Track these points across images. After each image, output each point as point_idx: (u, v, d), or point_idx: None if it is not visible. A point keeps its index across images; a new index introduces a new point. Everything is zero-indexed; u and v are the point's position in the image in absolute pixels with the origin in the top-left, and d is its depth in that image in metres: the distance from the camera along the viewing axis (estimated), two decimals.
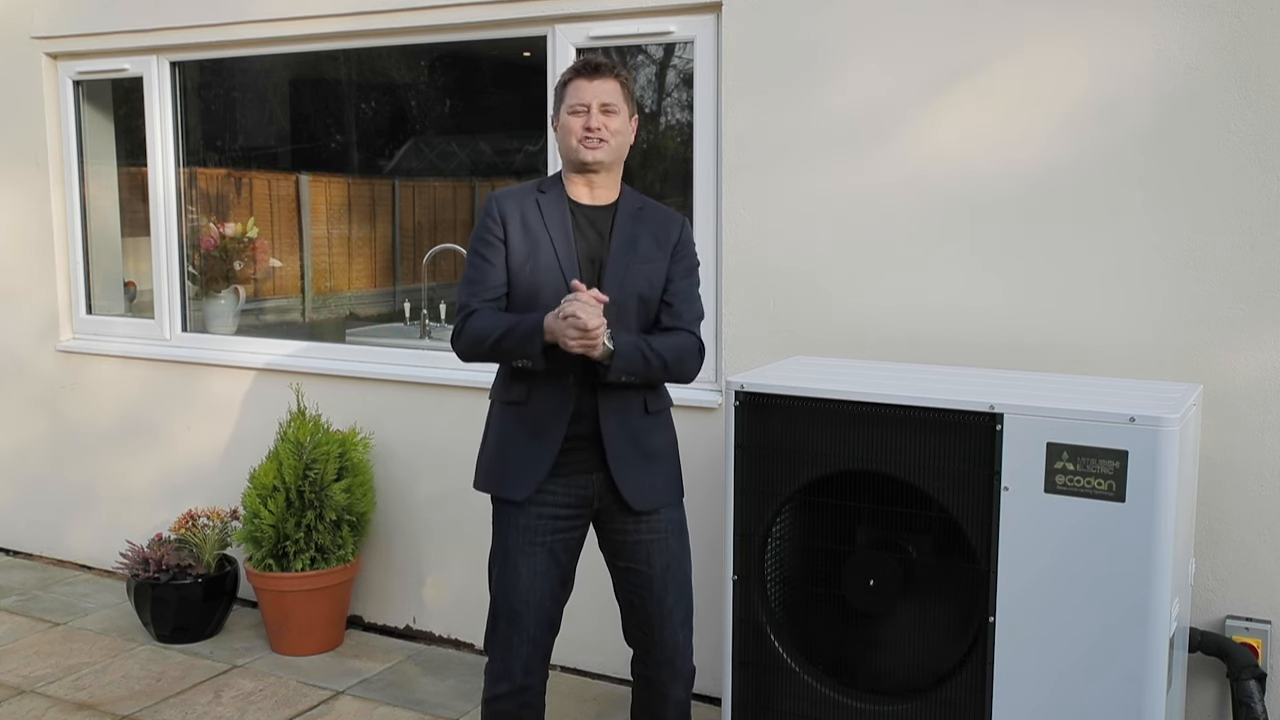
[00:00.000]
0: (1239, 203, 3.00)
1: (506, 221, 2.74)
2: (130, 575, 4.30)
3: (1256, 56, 2.95)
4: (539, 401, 2.73)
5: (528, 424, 2.74)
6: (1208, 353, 3.07)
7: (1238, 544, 3.09)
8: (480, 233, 2.77)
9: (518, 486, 2.74)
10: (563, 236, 2.73)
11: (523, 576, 2.75)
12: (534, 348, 2.62)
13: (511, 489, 2.74)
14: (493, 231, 2.75)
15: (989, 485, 2.63)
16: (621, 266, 2.74)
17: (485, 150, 4.67)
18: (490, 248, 2.75)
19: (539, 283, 2.71)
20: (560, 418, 2.71)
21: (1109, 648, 2.54)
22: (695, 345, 2.79)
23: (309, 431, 4.12)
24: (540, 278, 2.71)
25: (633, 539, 2.80)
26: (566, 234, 2.73)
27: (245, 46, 4.58)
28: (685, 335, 2.78)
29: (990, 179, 3.27)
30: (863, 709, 2.84)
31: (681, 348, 2.76)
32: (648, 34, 3.78)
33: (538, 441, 2.72)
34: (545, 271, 2.72)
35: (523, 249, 2.73)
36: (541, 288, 2.71)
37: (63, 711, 3.73)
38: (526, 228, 2.74)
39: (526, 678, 2.77)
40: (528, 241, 2.73)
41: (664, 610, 2.81)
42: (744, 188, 3.61)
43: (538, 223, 2.74)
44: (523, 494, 2.73)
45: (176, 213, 4.87)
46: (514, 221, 2.74)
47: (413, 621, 4.38)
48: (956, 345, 3.36)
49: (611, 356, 2.61)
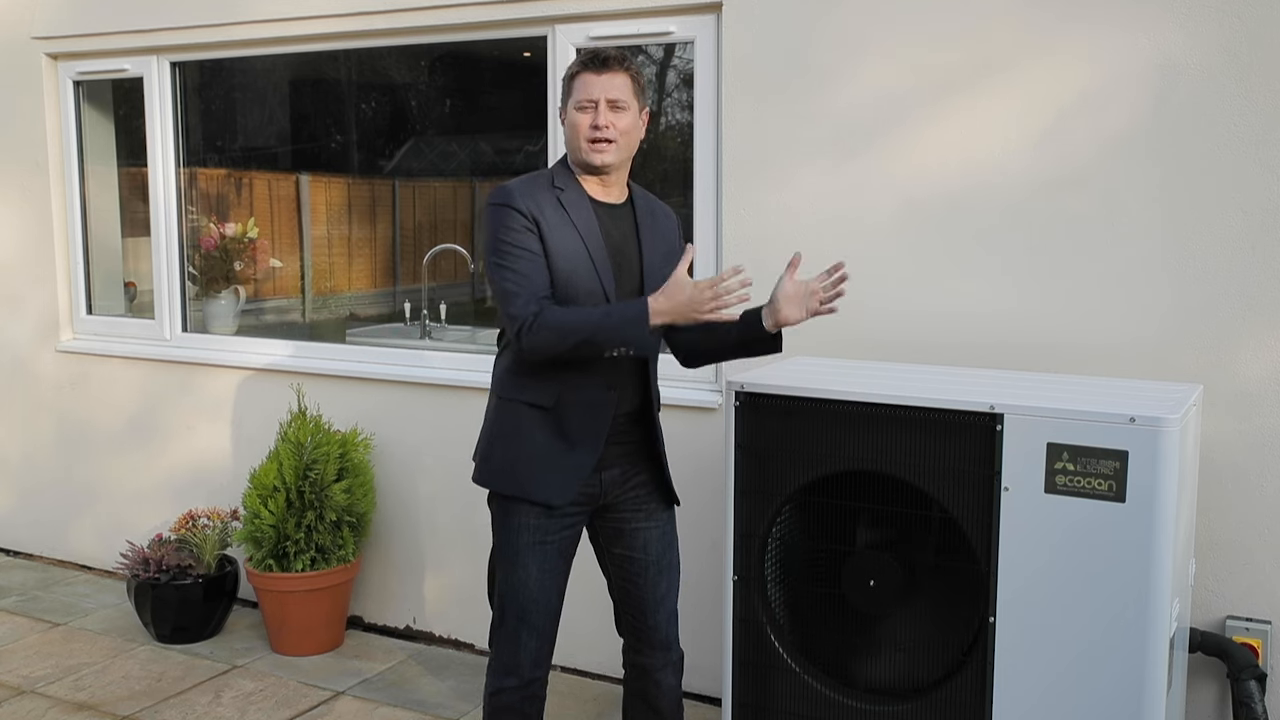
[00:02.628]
0: (1240, 203, 3.00)
1: (538, 218, 2.63)
2: (130, 575, 4.30)
3: (1256, 56, 2.95)
4: (572, 406, 2.67)
5: (558, 428, 2.69)
6: (1208, 353, 3.07)
7: (1238, 544, 3.09)
8: (514, 235, 2.62)
9: (553, 492, 2.68)
10: (595, 239, 2.66)
11: (533, 575, 2.74)
12: (640, 331, 2.54)
13: (545, 493, 2.69)
14: (527, 228, 2.62)
15: (989, 485, 2.63)
16: (656, 270, 2.75)
17: (485, 150, 4.67)
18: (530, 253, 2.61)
19: (575, 289, 2.63)
20: (600, 424, 2.68)
21: (1109, 648, 2.54)
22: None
23: (309, 432, 4.12)
24: (577, 283, 2.63)
25: (630, 526, 2.82)
26: (596, 235, 2.67)
27: (245, 46, 4.58)
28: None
29: (990, 179, 3.27)
30: (863, 709, 2.84)
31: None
32: (648, 34, 3.78)
33: (574, 447, 2.69)
34: (583, 276, 2.63)
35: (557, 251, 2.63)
36: (577, 294, 2.63)
37: (63, 712, 3.73)
38: (554, 226, 2.64)
39: (534, 671, 2.79)
40: (561, 243, 2.64)
41: (657, 597, 2.85)
42: (744, 188, 3.61)
43: (565, 222, 2.65)
44: (562, 499, 2.69)
45: (177, 213, 4.87)
46: (542, 219, 2.63)
47: (413, 622, 4.39)
48: (957, 345, 3.36)
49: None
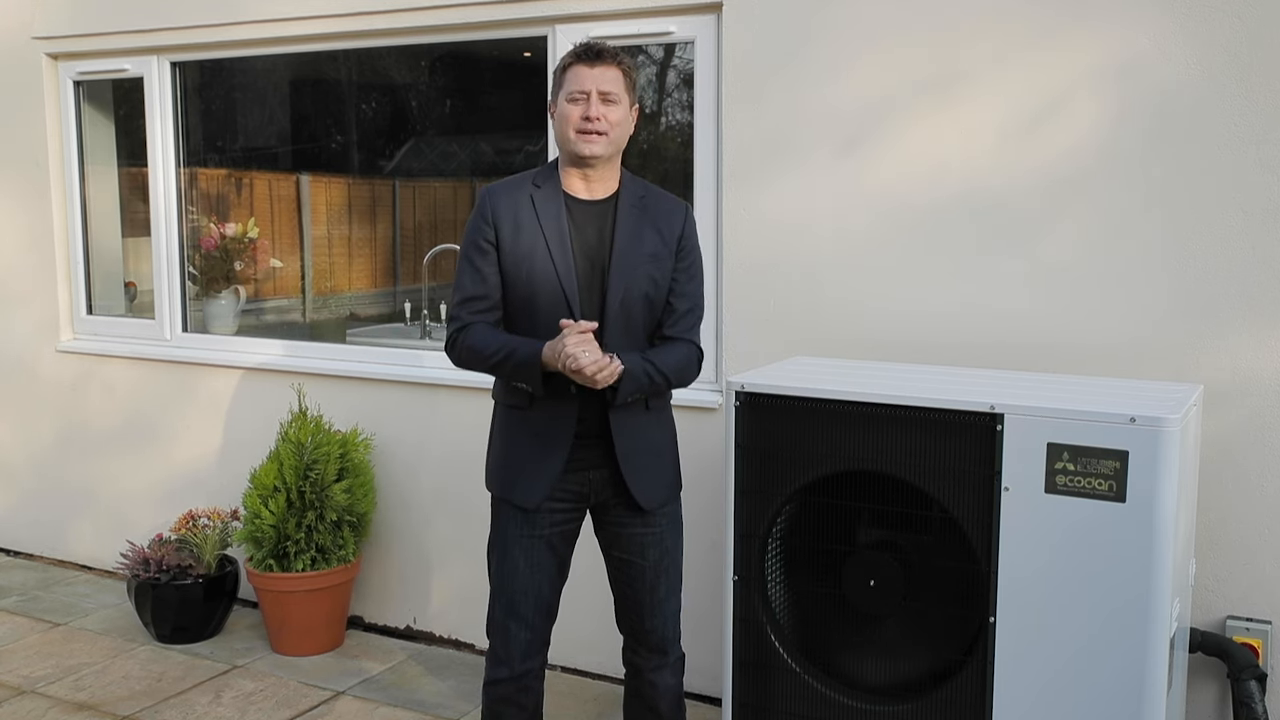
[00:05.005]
0: (1240, 203, 3.00)
1: (499, 223, 2.68)
2: (131, 575, 4.30)
3: (1256, 56, 2.95)
4: (542, 408, 2.71)
5: (533, 431, 2.73)
6: (1209, 353, 3.06)
7: (1238, 544, 3.09)
8: (472, 235, 2.71)
9: (528, 494, 2.74)
10: (558, 237, 2.66)
11: (520, 568, 2.78)
12: (533, 377, 2.62)
13: (523, 496, 2.75)
14: (484, 235, 2.69)
15: (989, 485, 2.63)
16: (627, 268, 2.68)
17: (485, 150, 4.66)
18: (482, 254, 2.69)
19: (535, 289, 2.67)
20: (567, 425, 2.71)
21: (1109, 648, 2.54)
22: (696, 355, 2.80)
23: (310, 432, 4.12)
24: (536, 283, 2.66)
25: (628, 531, 2.82)
26: (562, 234, 2.67)
27: (245, 47, 4.58)
28: (686, 346, 2.78)
29: (990, 180, 3.27)
30: (863, 709, 2.84)
31: (683, 362, 2.76)
32: (648, 34, 3.78)
33: (545, 450, 2.72)
34: (541, 276, 2.66)
35: (515, 251, 2.67)
36: (537, 293, 2.67)
37: (63, 712, 3.73)
38: (519, 227, 2.67)
39: (525, 663, 2.82)
40: (521, 243, 2.67)
41: (655, 600, 2.85)
42: (744, 188, 3.61)
43: (531, 222, 2.67)
44: (533, 502, 2.74)
45: (177, 213, 4.87)
46: (506, 222, 2.68)
47: (413, 622, 4.39)
48: (957, 345, 3.36)
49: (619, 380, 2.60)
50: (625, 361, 2.61)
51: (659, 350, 2.74)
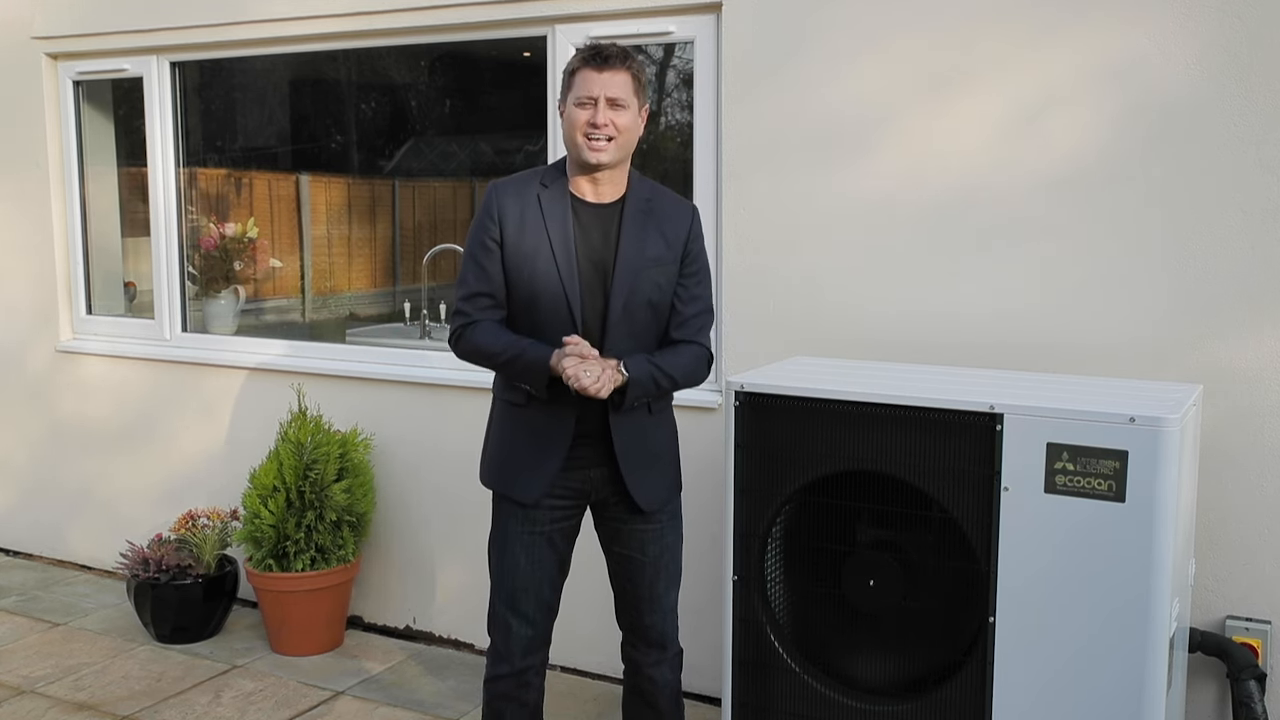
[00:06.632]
0: (1240, 203, 3.00)
1: (504, 220, 2.67)
2: (130, 575, 4.30)
3: (1256, 56, 2.95)
4: (541, 406, 2.71)
5: (532, 429, 2.74)
6: (1208, 353, 3.06)
7: (1238, 544, 3.09)
8: (477, 232, 2.71)
9: (526, 490, 2.75)
10: (562, 240, 2.66)
11: (520, 564, 2.78)
12: (539, 381, 2.64)
13: (521, 492, 2.75)
14: (489, 233, 2.68)
15: (989, 485, 2.63)
16: (631, 273, 2.68)
17: (485, 150, 4.66)
18: (487, 252, 2.69)
19: (537, 290, 2.67)
20: (567, 424, 2.71)
21: (1109, 648, 2.54)
22: (705, 358, 2.79)
23: (310, 432, 4.12)
24: (538, 285, 2.66)
25: (629, 527, 2.82)
26: (567, 237, 2.66)
27: (245, 47, 4.58)
28: (695, 349, 2.77)
29: (990, 180, 3.27)
30: (863, 709, 2.84)
31: (692, 365, 2.76)
32: (648, 34, 3.78)
33: (544, 446, 2.72)
34: (543, 278, 2.66)
35: (519, 251, 2.67)
36: (539, 295, 2.67)
37: (63, 712, 3.73)
38: (525, 227, 2.66)
39: (525, 659, 2.82)
40: (525, 243, 2.66)
41: (654, 596, 2.86)
42: (744, 188, 3.61)
43: (537, 221, 2.66)
44: (532, 498, 2.74)
45: (176, 213, 4.87)
46: (512, 220, 2.67)
47: (413, 621, 4.39)
48: (957, 345, 3.36)
49: (626, 386, 2.62)
50: (632, 368, 2.62)
51: (667, 353, 2.74)
